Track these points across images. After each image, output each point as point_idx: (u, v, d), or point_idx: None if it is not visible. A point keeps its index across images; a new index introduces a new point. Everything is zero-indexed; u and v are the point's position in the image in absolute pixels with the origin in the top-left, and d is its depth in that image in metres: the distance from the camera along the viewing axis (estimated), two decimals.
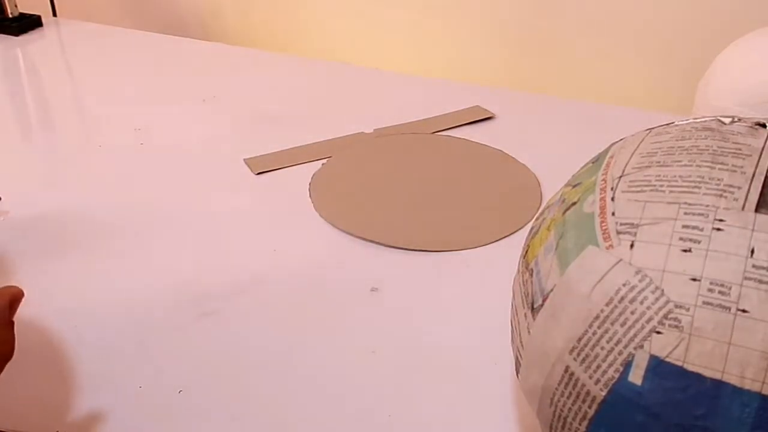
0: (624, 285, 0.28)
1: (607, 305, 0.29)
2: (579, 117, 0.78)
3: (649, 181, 0.30)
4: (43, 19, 1.02)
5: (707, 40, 0.73)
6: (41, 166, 0.71)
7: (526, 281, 0.34)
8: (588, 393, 0.29)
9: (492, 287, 0.51)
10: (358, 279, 0.54)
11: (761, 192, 0.28)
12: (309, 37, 1.03)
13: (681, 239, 0.28)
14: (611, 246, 0.29)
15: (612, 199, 0.31)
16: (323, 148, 0.72)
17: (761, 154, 0.29)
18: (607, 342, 0.28)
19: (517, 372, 0.36)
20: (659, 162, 0.31)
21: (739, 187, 0.28)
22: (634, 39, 0.84)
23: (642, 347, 0.27)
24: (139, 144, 0.73)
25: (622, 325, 0.28)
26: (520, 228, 0.60)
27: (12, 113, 0.81)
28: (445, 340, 0.49)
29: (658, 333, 0.27)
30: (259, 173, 0.67)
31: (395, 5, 0.95)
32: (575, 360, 0.30)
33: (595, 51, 0.87)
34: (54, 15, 1.05)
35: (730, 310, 0.26)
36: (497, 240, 0.59)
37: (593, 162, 0.35)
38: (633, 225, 0.29)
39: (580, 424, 0.30)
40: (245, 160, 0.69)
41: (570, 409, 0.30)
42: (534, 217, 0.60)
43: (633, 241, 0.29)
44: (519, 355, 0.35)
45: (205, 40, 1.01)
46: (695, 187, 0.29)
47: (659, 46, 0.83)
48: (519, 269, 0.36)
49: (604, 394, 0.29)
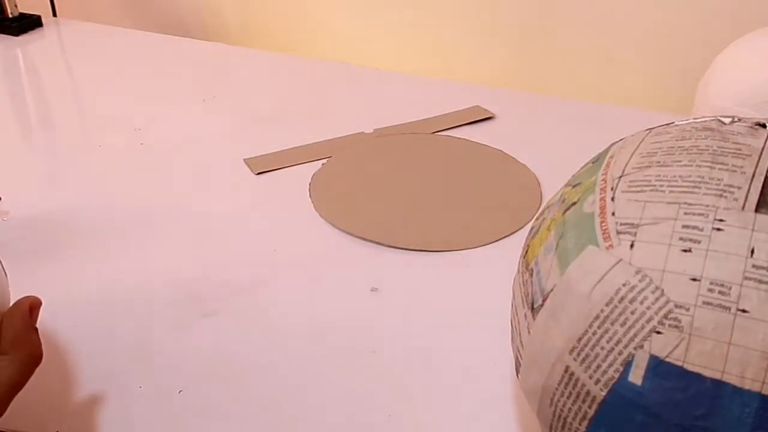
0: (624, 285, 0.28)
1: (607, 305, 0.29)
2: (579, 117, 0.78)
3: (649, 181, 0.30)
4: (43, 19, 1.02)
5: (707, 40, 0.73)
6: (41, 166, 0.71)
7: (526, 281, 0.34)
8: (588, 393, 0.29)
9: (492, 287, 0.51)
10: (358, 279, 0.54)
11: (761, 192, 0.28)
12: (309, 37, 1.03)
13: (681, 239, 0.28)
14: (611, 246, 0.29)
15: (612, 199, 0.31)
16: (323, 148, 0.72)
17: (761, 154, 0.29)
18: (607, 342, 0.28)
19: (517, 372, 0.36)
20: (659, 162, 0.31)
21: (739, 187, 0.28)
22: (634, 39, 0.84)
23: (642, 347, 0.27)
24: (139, 144, 0.73)
25: (622, 325, 0.28)
26: (520, 228, 0.60)
27: (12, 113, 0.81)
28: (445, 340, 0.49)
29: (658, 333, 0.27)
30: (259, 173, 0.67)
31: (395, 5, 0.95)
32: (575, 360, 0.30)
33: (595, 51, 0.87)
34: (54, 15, 1.05)
35: (730, 310, 0.26)
36: (497, 240, 0.59)
37: (593, 162, 0.35)
38: (633, 225, 0.29)
39: (580, 424, 0.30)
40: (245, 160, 0.69)
41: (570, 409, 0.30)
42: (534, 217, 0.60)
43: (633, 241, 0.29)
44: (519, 355, 0.35)
45: (205, 40, 1.01)
46: (695, 187, 0.29)
47: (659, 46, 0.83)
48: (519, 269, 0.36)
49: (604, 394, 0.29)
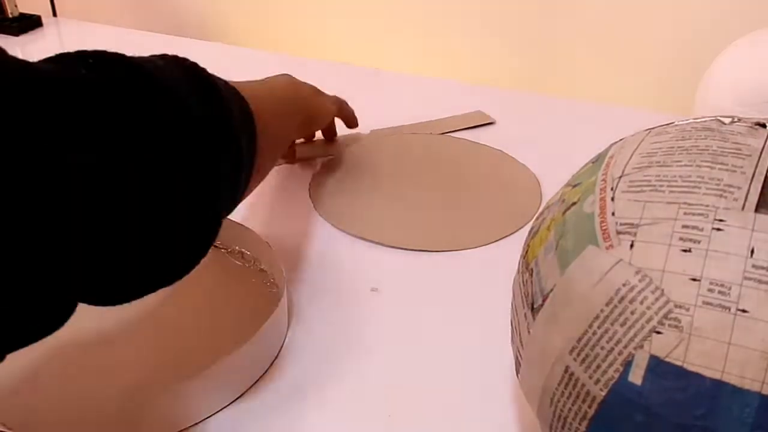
0: (624, 285, 0.28)
1: (607, 305, 0.29)
2: (579, 117, 0.78)
3: (649, 181, 0.30)
4: (43, 19, 1.02)
5: (707, 40, 0.73)
6: None
7: (526, 281, 0.34)
8: (588, 393, 0.29)
9: (492, 287, 0.51)
10: (358, 279, 0.54)
11: (761, 192, 0.28)
12: (309, 37, 1.03)
13: (681, 239, 0.28)
14: (611, 246, 0.29)
15: (612, 199, 0.31)
16: (323, 148, 0.72)
17: (761, 154, 0.29)
18: (607, 342, 0.28)
19: (517, 372, 0.36)
20: (659, 162, 0.31)
21: (739, 187, 0.28)
22: (634, 39, 0.84)
23: (642, 347, 0.27)
24: None
25: (622, 325, 0.28)
26: (519, 228, 0.60)
27: None
28: (445, 340, 0.49)
29: (658, 333, 0.27)
30: None
31: (395, 5, 0.95)
32: (575, 360, 0.30)
33: (595, 51, 0.87)
34: (54, 15, 1.05)
35: (730, 310, 0.26)
36: (497, 240, 0.59)
37: (593, 162, 0.35)
38: (633, 225, 0.29)
39: (580, 424, 0.30)
40: None
41: (570, 409, 0.30)
42: (534, 217, 0.60)
43: (633, 241, 0.29)
44: (519, 355, 0.35)
45: (205, 40, 1.01)
46: (695, 187, 0.29)
47: (659, 46, 0.83)
48: (519, 269, 0.36)
49: (604, 394, 0.29)
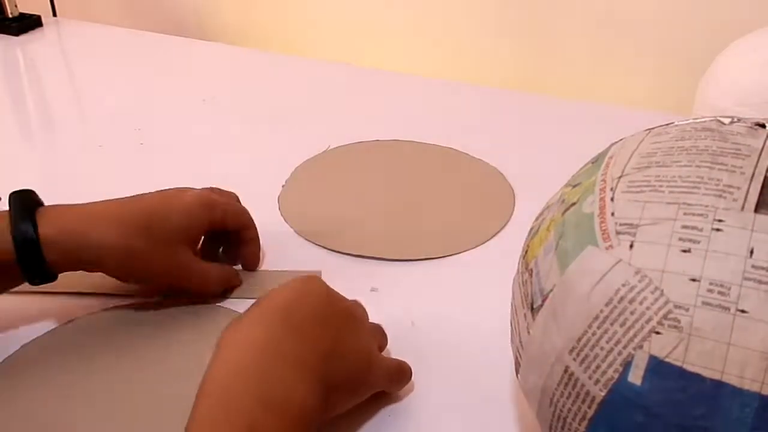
0: (623, 285, 0.28)
1: (607, 305, 0.29)
2: (579, 117, 0.78)
3: (649, 182, 0.30)
4: (43, 19, 1.02)
5: (707, 40, 0.73)
6: (41, 166, 0.71)
7: (525, 281, 0.34)
8: (587, 393, 0.29)
9: (491, 287, 0.51)
10: (358, 278, 0.54)
11: (760, 192, 0.28)
12: (309, 37, 1.03)
13: (680, 239, 0.28)
14: (611, 246, 0.29)
15: (611, 200, 0.31)
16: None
17: (760, 154, 0.29)
18: (607, 342, 0.28)
19: (517, 372, 0.36)
20: (659, 162, 0.31)
21: (739, 188, 0.28)
22: (634, 39, 0.84)
23: (641, 347, 0.27)
24: (139, 144, 0.73)
25: (621, 326, 0.28)
26: (495, 233, 0.59)
27: (12, 113, 0.81)
28: (445, 340, 0.49)
29: (657, 333, 0.27)
30: None
31: (395, 6, 0.95)
32: (575, 360, 0.30)
33: (595, 51, 0.86)
34: (54, 15, 1.05)
35: (729, 310, 0.26)
36: (496, 240, 0.59)
37: (593, 162, 0.35)
38: (632, 225, 0.29)
39: (579, 424, 0.30)
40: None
41: (570, 410, 0.30)
42: (507, 221, 0.60)
43: (632, 242, 0.29)
44: (519, 355, 0.35)
45: (205, 40, 1.01)
46: (694, 188, 0.29)
47: (659, 46, 0.83)
48: (519, 269, 0.36)
49: (603, 394, 0.29)
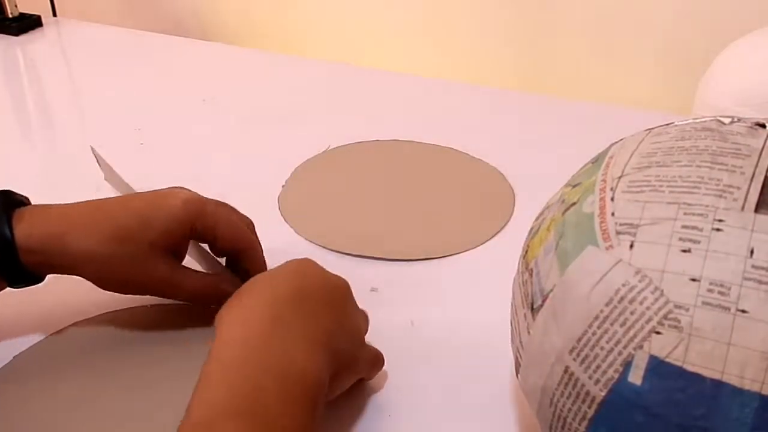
0: (623, 285, 0.28)
1: (607, 305, 0.29)
2: (579, 117, 0.78)
3: (649, 182, 0.30)
4: (43, 19, 1.02)
5: (707, 40, 0.73)
6: (41, 165, 0.71)
7: (525, 281, 0.34)
8: (588, 393, 0.29)
9: (491, 287, 0.51)
10: (358, 278, 0.54)
11: (761, 192, 0.28)
12: (309, 37, 1.03)
13: (680, 239, 0.28)
14: (611, 246, 0.29)
15: (612, 200, 0.31)
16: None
17: (761, 154, 0.29)
18: (607, 342, 0.28)
19: (517, 372, 0.36)
20: (659, 162, 0.31)
21: (739, 188, 0.28)
22: (634, 39, 0.84)
23: (642, 347, 0.27)
24: (139, 144, 0.73)
25: (621, 326, 0.28)
26: (496, 233, 0.59)
27: (12, 113, 0.81)
28: (445, 340, 0.49)
29: (657, 333, 0.27)
30: None
31: (395, 6, 0.95)
32: (575, 360, 0.30)
33: (595, 51, 0.86)
34: (54, 15, 1.05)
35: (729, 310, 0.26)
36: (496, 240, 0.59)
37: (593, 162, 0.35)
38: (632, 225, 0.29)
39: (579, 424, 0.30)
40: None
41: (570, 410, 0.30)
42: (506, 221, 0.60)
43: (633, 242, 0.29)
44: (519, 356, 0.35)
45: (205, 40, 1.01)
46: (695, 188, 0.29)
47: (659, 46, 0.83)
48: (519, 269, 0.36)
49: (603, 394, 0.29)
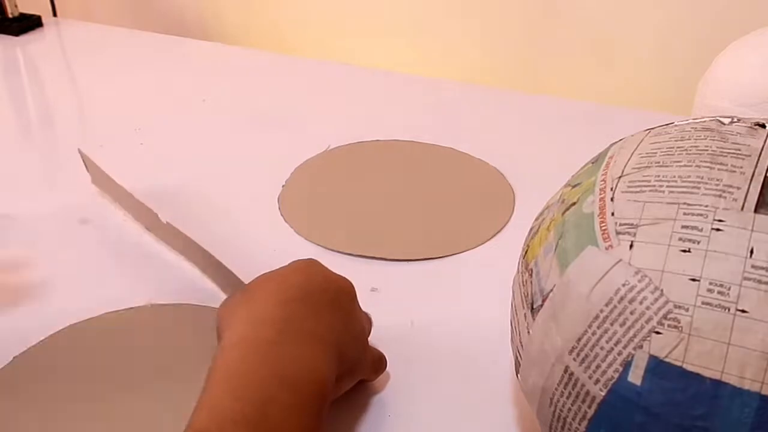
0: (623, 285, 0.28)
1: (607, 305, 0.29)
2: (578, 117, 0.78)
3: (649, 182, 0.30)
4: (43, 19, 1.02)
5: (707, 40, 0.73)
6: (41, 165, 0.71)
7: (525, 281, 0.34)
8: (588, 393, 0.29)
9: (491, 287, 0.51)
10: (358, 278, 0.54)
11: (760, 192, 0.28)
12: (308, 37, 1.03)
13: (680, 239, 0.28)
14: (611, 246, 0.29)
15: (611, 200, 0.31)
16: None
17: (760, 154, 0.29)
18: (607, 342, 0.28)
19: (517, 372, 0.36)
20: (659, 162, 0.31)
21: (739, 188, 0.28)
22: (633, 39, 0.84)
23: (641, 347, 0.27)
24: (139, 144, 0.73)
25: (621, 326, 0.28)
26: (497, 232, 0.59)
27: (12, 113, 0.81)
28: (445, 340, 0.49)
29: (657, 333, 0.27)
30: None
31: (395, 6, 0.95)
32: (575, 360, 0.30)
33: (595, 51, 0.87)
34: (54, 15, 1.04)
35: (729, 310, 0.26)
36: (496, 240, 0.59)
37: (593, 162, 0.35)
38: (632, 225, 0.29)
39: (579, 424, 0.30)
40: None
41: (570, 410, 0.30)
42: (506, 222, 0.60)
43: (632, 242, 0.29)
44: (519, 355, 0.35)
45: (205, 40, 1.01)
46: (694, 188, 0.29)
47: (659, 46, 0.83)
48: (519, 269, 0.36)
49: (603, 394, 0.29)
